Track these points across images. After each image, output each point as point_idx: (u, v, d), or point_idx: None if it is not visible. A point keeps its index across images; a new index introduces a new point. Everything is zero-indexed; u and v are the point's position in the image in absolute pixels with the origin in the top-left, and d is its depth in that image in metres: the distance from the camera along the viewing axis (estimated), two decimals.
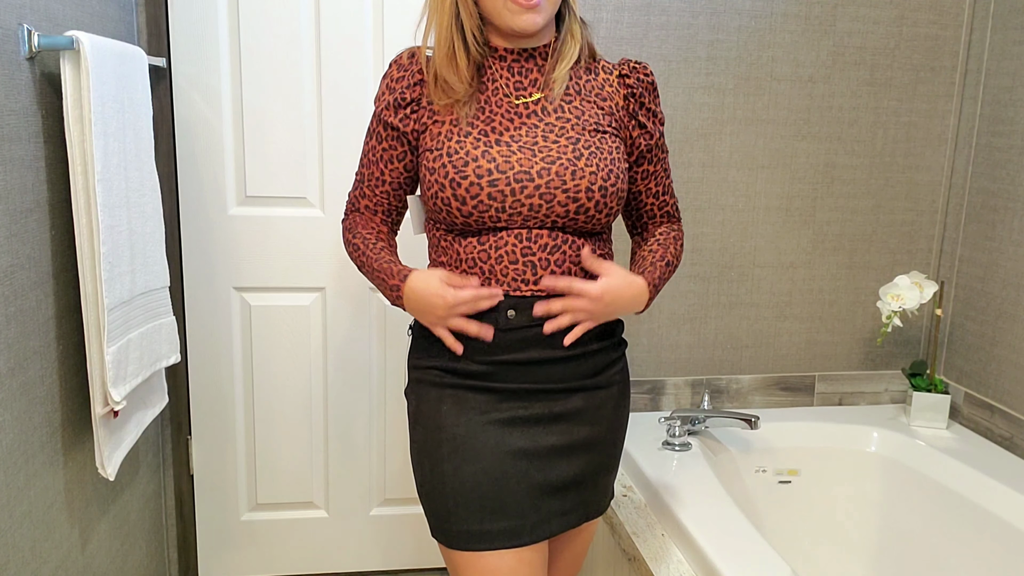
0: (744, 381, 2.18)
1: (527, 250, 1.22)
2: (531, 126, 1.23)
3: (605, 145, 1.24)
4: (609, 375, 1.30)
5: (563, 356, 1.24)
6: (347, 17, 1.90)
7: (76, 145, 1.30)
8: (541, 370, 1.24)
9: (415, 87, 1.27)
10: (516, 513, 1.21)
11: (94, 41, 1.30)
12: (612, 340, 1.31)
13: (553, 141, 1.22)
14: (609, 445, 1.32)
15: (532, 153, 1.21)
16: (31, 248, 1.27)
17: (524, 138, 1.22)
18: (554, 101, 1.25)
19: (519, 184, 1.19)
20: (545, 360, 1.24)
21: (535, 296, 1.22)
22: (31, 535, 1.28)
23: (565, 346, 1.24)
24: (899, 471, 1.98)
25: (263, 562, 2.13)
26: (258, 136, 1.92)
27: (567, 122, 1.24)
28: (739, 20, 2.00)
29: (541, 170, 1.20)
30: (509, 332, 1.22)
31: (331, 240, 1.99)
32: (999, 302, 1.99)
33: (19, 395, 1.24)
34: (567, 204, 1.20)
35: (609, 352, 1.31)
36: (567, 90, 1.27)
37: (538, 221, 1.21)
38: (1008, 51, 1.98)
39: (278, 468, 2.09)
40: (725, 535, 1.48)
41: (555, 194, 1.20)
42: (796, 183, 2.11)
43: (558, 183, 1.19)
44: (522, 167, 1.20)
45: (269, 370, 2.03)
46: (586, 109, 1.27)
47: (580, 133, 1.24)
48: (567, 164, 1.20)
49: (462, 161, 1.20)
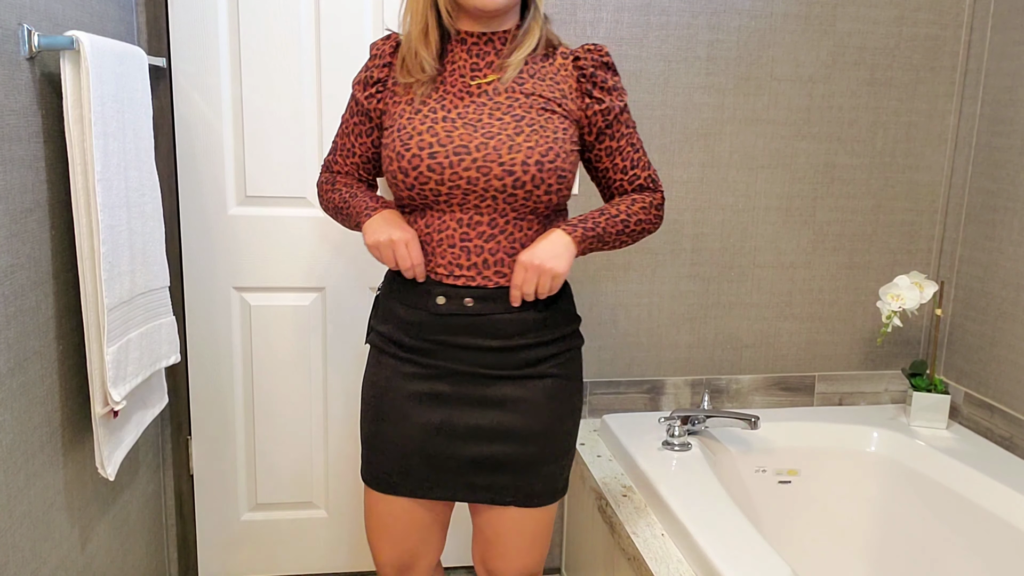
0: (744, 381, 2.18)
1: (465, 236, 1.28)
2: (479, 104, 1.29)
3: (551, 124, 1.28)
4: (544, 368, 1.34)
5: (496, 346, 1.31)
6: (347, 17, 1.90)
7: (76, 145, 1.30)
8: (471, 355, 1.32)
9: (383, 68, 1.36)
10: (421, 476, 1.36)
11: (94, 41, 1.30)
12: (552, 335, 1.35)
13: (498, 119, 1.28)
14: (540, 436, 1.34)
15: (474, 129, 1.27)
16: (31, 248, 1.27)
17: (470, 115, 1.28)
18: (506, 83, 1.31)
19: (457, 157, 1.25)
20: (474, 347, 1.31)
21: (467, 287, 1.29)
22: (31, 535, 1.28)
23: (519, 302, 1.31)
24: (899, 471, 1.98)
25: (263, 562, 2.13)
26: (258, 136, 1.92)
27: (515, 102, 1.30)
28: (739, 20, 2.00)
29: (480, 144, 1.25)
30: (440, 317, 1.31)
31: (331, 240, 1.99)
32: (999, 302, 1.99)
33: (19, 395, 1.24)
34: (503, 178, 1.25)
35: (548, 347, 1.35)
36: (520, 73, 1.32)
37: (478, 198, 1.26)
38: (1008, 51, 1.98)
39: (278, 468, 2.09)
40: (725, 535, 1.48)
41: (491, 167, 1.24)
42: (796, 183, 2.11)
43: (494, 156, 1.24)
44: (462, 141, 1.26)
45: (269, 370, 2.03)
46: (537, 90, 1.31)
47: (527, 111, 1.29)
48: (505, 139, 1.25)
49: (407, 135, 1.28)
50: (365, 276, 2.02)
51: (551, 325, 1.35)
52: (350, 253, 2.00)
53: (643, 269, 2.08)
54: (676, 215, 2.07)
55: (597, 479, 1.82)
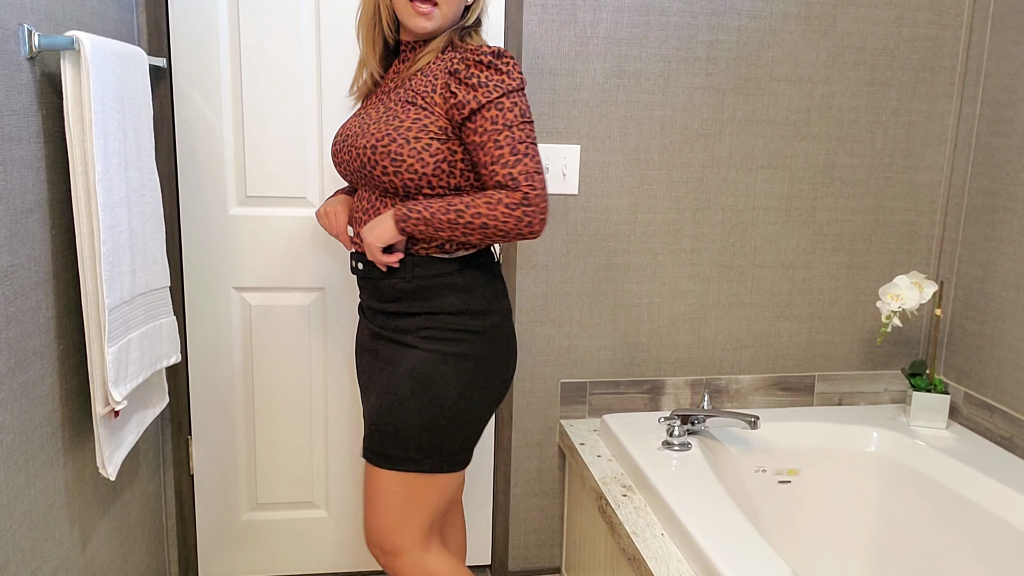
0: (744, 381, 2.18)
1: (356, 208, 1.50)
2: (379, 103, 1.47)
3: (404, 114, 1.40)
4: (411, 338, 1.45)
5: (378, 308, 1.50)
6: (347, 17, 1.90)
7: (76, 145, 1.30)
8: (370, 314, 1.54)
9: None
10: None
11: (94, 41, 1.30)
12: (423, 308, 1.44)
13: (376, 110, 1.45)
14: (387, 395, 1.43)
15: (360, 121, 1.45)
16: (31, 248, 1.27)
17: (369, 112, 1.46)
18: (404, 82, 1.45)
19: (337, 145, 1.49)
20: (368, 307, 1.53)
21: (357, 253, 1.51)
22: (31, 535, 1.28)
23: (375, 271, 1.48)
24: (899, 471, 1.98)
25: (263, 562, 2.13)
26: (258, 136, 1.92)
27: (396, 96, 1.44)
28: (739, 20, 2.00)
29: (348, 133, 1.46)
30: (357, 280, 1.55)
31: (331, 240, 1.99)
32: (999, 302, 1.99)
33: (19, 395, 1.24)
34: (356, 160, 1.43)
35: (418, 317, 1.45)
36: (418, 72, 1.45)
37: (354, 177, 1.46)
38: (1008, 51, 1.98)
39: (278, 468, 2.09)
40: (725, 535, 1.48)
41: (350, 151, 1.44)
42: (796, 183, 2.11)
43: (352, 142, 1.43)
44: (345, 132, 1.47)
45: (269, 370, 2.03)
46: (415, 86, 1.42)
47: (394, 104, 1.42)
48: (363, 127, 1.43)
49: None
50: None
51: (424, 297, 1.44)
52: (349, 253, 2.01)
53: (643, 269, 2.08)
54: (676, 215, 2.07)
55: (597, 479, 1.82)
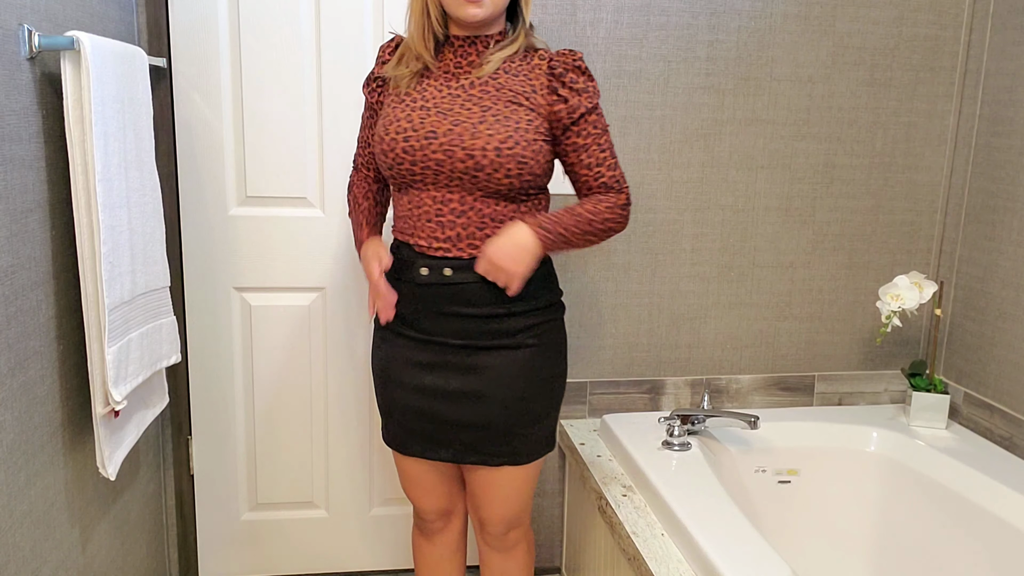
0: (744, 381, 2.18)
1: (439, 211, 1.41)
2: (453, 96, 1.42)
3: (515, 115, 1.39)
4: (521, 338, 1.45)
5: (472, 314, 1.43)
6: (347, 17, 1.90)
7: (76, 145, 1.30)
8: (450, 323, 1.44)
9: (383, 66, 1.52)
10: (427, 438, 1.50)
11: (94, 41, 1.30)
12: (526, 306, 1.45)
13: (468, 109, 1.40)
14: (513, 401, 1.46)
15: (444, 116, 1.39)
16: (31, 248, 1.27)
17: (443, 105, 1.41)
18: (482, 77, 1.42)
19: (426, 140, 1.38)
20: (454, 315, 1.43)
21: (444, 258, 1.42)
22: (31, 535, 1.28)
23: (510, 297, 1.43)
24: (898, 471, 1.98)
25: (263, 562, 2.13)
26: (258, 136, 1.92)
27: (486, 94, 1.41)
28: (739, 20, 2.00)
29: (447, 130, 1.38)
30: (423, 287, 1.44)
31: (331, 240, 1.99)
32: (999, 302, 1.99)
33: (19, 395, 1.24)
34: (465, 160, 1.37)
35: (523, 317, 1.45)
36: (497, 71, 1.43)
37: (447, 178, 1.39)
38: (1008, 51, 1.98)
39: (278, 468, 2.09)
40: (725, 535, 1.48)
41: (454, 151, 1.37)
42: (796, 183, 2.11)
43: (458, 141, 1.37)
44: (432, 128, 1.39)
45: (269, 370, 2.03)
46: (509, 85, 1.42)
47: (494, 103, 1.40)
48: (469, 127, 1.38)
49: (389, 122, 1.42)
50: (365, 276, 2.02)
51: (525, 296, 1.45)
52: (350, 253, 2.01)
53: (643, 269, 2.08)
54: (676, 215, 2.07)
55: (597, 479, 1.82)
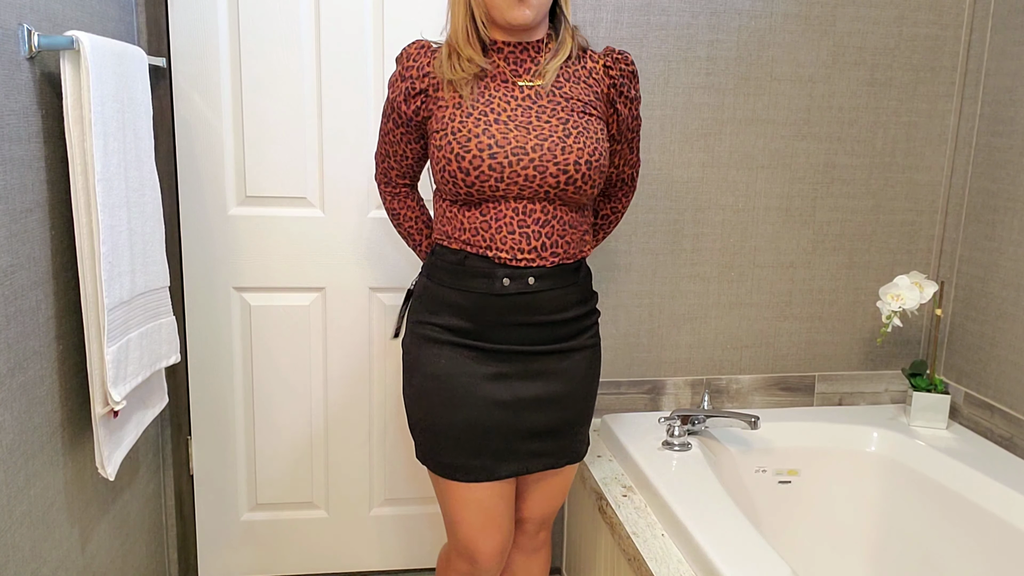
0: (744, 381, 2.18)
1: (523, 223, 1.40)
2: (525, 108, 1.40)
3: (591, 126, 1.42)
4: (583, 339, 1.51)
5: (545, 321, 1.44)
6: (347, 17, 1.90)
7: (76, 145, 1.30)
8: (524, 332, 1.44)
9: (424, 78, 1.44)
10: (493, 454, 1.45)
11: (94, 41, 1.30)
12: (587, 308, 1.51)
13: (545, 121, 1.39)
14: (580, 400, 1.52)
15: (527, 131, 1.38)
16: (31, 248, 1.27)
17: (519, 118, 1.39)
18: (546, 87, 1.42)
19: (515, 157, 1.36)
20: (528, 323, 1.44)
21: (528, 267, 1.40)
22: (31, 535, 1.28)
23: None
24: (899, 471, 1.98)
25: (263, 562, 2.13)
26: (258, 136, 1.92)
27: (557, 105, 1.41)
28: (739, 20, 2.00)
29: (535, 146, 1.37)
30: (503, 297, 1.42)
31: (331, 240, 1.99)
32: (999, 302, 1.99)
33: (19, 395, 1.24)
34: (558, 176, 1.37)
35: (584, 319, 1.51)
36: (557, 78, 1.44)
37: (531, 192, 1.38)
38: (1008, 51, 1.98)
39: (278, 468, 2.09)
40: (725, 535, 1.48)
41: (547, 167, 1.37)
42: (796, 183, 2.11)
43: (549, 157, 1.37)
44: (518, 143, 1.36)
45: (269, 370, 2.03)
46: (575, 94, 1.43)
47: (569, 114, 1.41)
48: (557, 141, 1.38)
49: (465, 138, 1.37)
50: (365, 276, 2.02)
51: (584, 300, 1.51)
52: (350, 253, 2.01)
53: (643, 269, 2.08)
54: (676, 215, 2.07)
55: (597, 479, 1.82)
